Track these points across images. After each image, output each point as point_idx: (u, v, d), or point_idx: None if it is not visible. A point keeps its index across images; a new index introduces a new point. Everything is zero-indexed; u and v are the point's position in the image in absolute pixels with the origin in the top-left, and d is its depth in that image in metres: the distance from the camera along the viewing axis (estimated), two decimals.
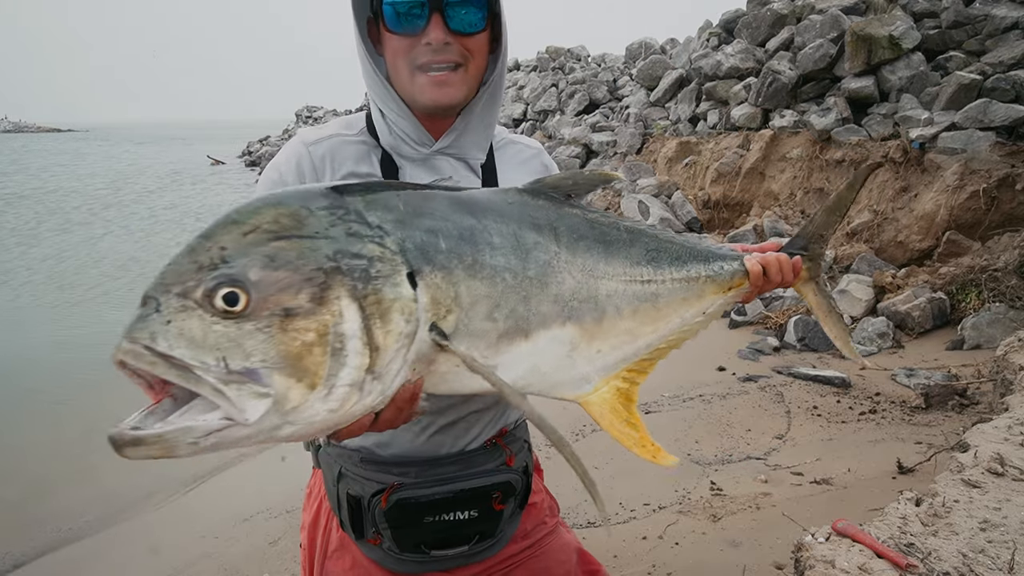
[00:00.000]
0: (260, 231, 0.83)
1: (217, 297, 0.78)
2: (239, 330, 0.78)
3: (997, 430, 2.41)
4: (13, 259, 11.82)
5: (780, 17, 9.49)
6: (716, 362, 5.47)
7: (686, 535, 3.12)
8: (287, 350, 0.79)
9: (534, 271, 1.02)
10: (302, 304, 0.80)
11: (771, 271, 1.31)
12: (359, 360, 0.83)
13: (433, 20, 1.17)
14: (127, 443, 0.75)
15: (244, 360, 0.77)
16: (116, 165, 33.88)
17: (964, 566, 1.63)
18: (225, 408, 0.77)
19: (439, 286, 0.92)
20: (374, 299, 0.85)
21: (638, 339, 1.17)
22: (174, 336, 0.77)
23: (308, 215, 0.87)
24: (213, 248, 0.81)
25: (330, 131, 1.30)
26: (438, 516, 1.28)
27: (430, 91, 1.20)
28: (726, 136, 9.36)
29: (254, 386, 0.77)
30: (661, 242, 1.22)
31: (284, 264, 0.81)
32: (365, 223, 0.89)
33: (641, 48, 14.60)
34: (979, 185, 6.16)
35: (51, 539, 3.84)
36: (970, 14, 7.50)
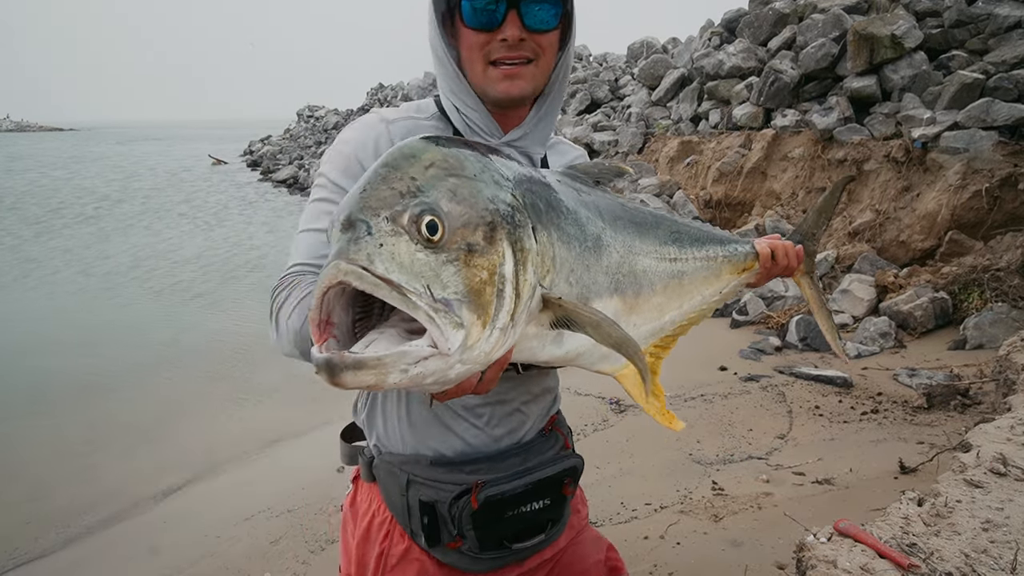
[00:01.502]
0: (437, 167, 0.85)
1: (423, 224, 0.79)
2: (437, 259, 0.79)
3: (1000, 430, 2.40)
4: (32, 253, 11.85)
5: (782, 16, 9.48)
6: (718, 362, 5.47)
7: (688, 535, 3.12)
8: (472, 284, 0.81)
9: (592, 242, 1.06)
10: (479, 241, 0.83)
11: (779, 255, 1.40)
12: (510, 304, 0.84)
13: (509, 17, 1.18)
14: (349, 366, 0.75)
15: (443, 290, 0.79)
16: (121, 164, 33.92)
17: (967, 566, 1.63)
18: (434, 335, 0.77)
19: (545, 244, 0.94)
20: (520, 246, 0.87)
21: (665, 314, 1.25)
22: (388, 259, 0.77)
23: (464, 158, 0.89)
24: (405, 177, 0.82)
25: (406, 112, 1.32)
26: (518, 509, 1.27)
27: (501, 83, 1.22)
28: (728, 135, 9.35)
29: (453, 315, 0.79)
30: (682, 225, 1.30)
31: (464, 200, 0.84)
32: (501, 174, 0.92)
33: (643, 47, 14.60)
34: (981, 185, 6.15)
35: (54, 539, 3.85)
36: (973, 13, 7.48)
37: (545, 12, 1.21)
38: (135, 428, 5.12)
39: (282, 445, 4.76)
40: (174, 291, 9.61)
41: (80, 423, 5.24)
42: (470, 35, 1.21)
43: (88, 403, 5.60)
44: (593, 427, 4.42)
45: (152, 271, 10.97)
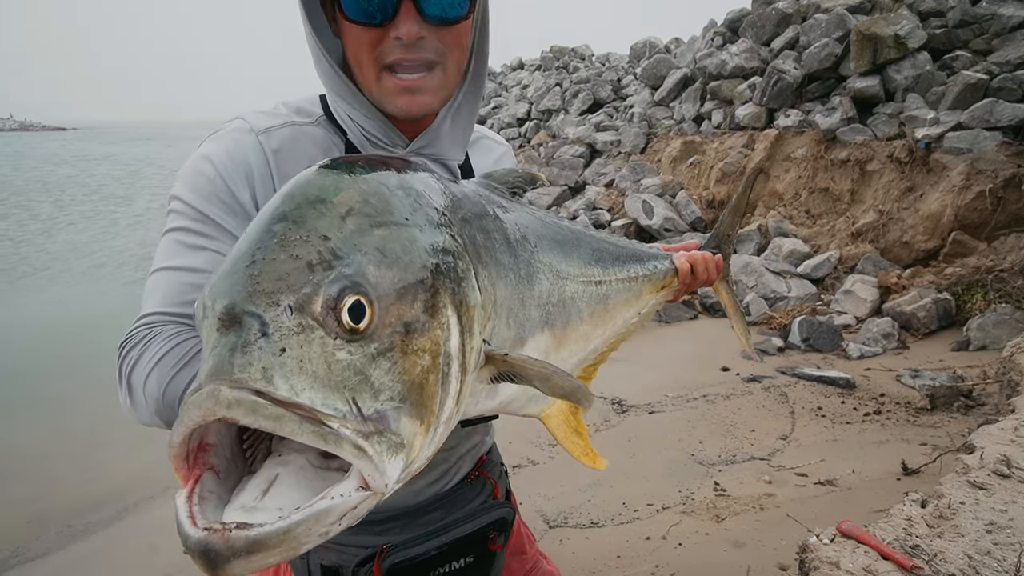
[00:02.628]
0: (357, 214, 0.62)
1: (344, 309, 0.56)
2: (364, 356, 0.56)
3: (1003, 431, 2.39)
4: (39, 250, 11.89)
5: (785, 16, 9.46)
6: (720, 362, 5.46)
7: (689, 536, 3.11)
8: (411, 379, 0.59)
9: (524, 271, 0.87)
10: (419, 316, 0.60)
11: (698, 268, 1.32)
12: (456, 386, 0.65)
13: (404, 8, 0.92)
14: (241, 551, 0.50)
15: (374, 400, 0.56)
16: (127, 162, 34.01)
17: (970, 568, 1.62)
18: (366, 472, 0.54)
19: (487, 288, 0.74)
20: (465, 306, 0.66)
21: (590, 342, 1.12)
22: (295, 371, 0.53)
23: (389, 195, 0.66)
24: (313, 238, 0.58)
25: (283, 118, 1.03)
26: (434, 572, 1.10)
27: (399, 98, 0.97)
28: (730, 135, 9.33)
29: (391, 434, 0.56)
30: (600, 242, 1.15)
31: (395, 261, 0.61)
32: (436, 209, 0.70)
33: (645, 47, 14.59)
34: (985, 185, 6.13)
35: (56, 537, 3.85)
36: (977, 13, 7.46)
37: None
38: (139, 426, 5.13)
39: None
40: None
41: (84, 420, 5.25)
42: (355, 31, 0.94)
43: (92, 400, 5.60)
44: (595, 428, 4.42)
45: None
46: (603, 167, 11.52)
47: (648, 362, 5.58)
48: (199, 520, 0.52)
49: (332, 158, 0.73)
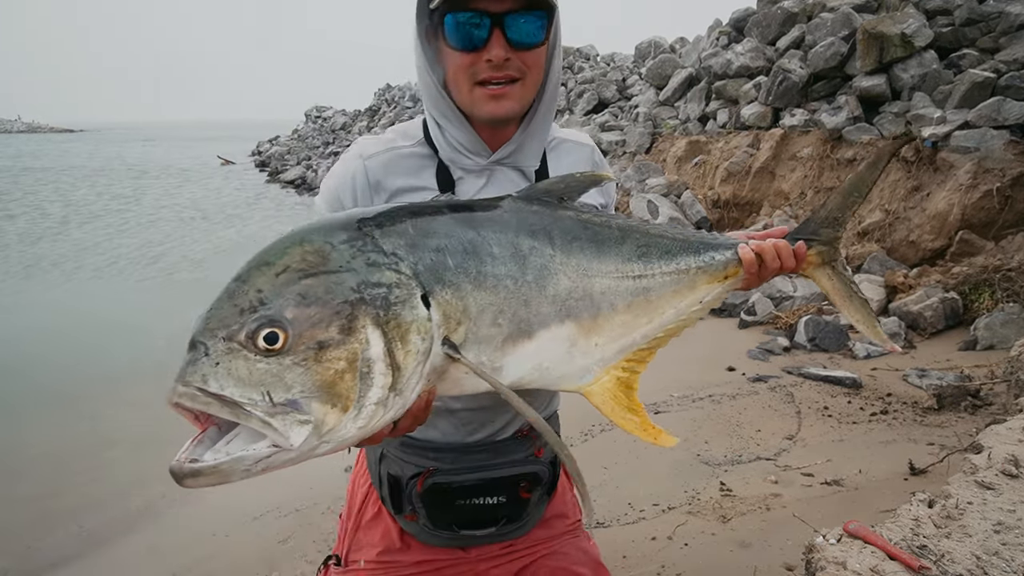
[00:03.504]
0: (291, 271, 0.90)
1: (259, 338, 0.84)
2: (280, 365, 0.85)
3: (1011, 431, 2.38)
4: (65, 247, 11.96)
5: (791, 15, 9.44)
6: (726, 362, 5.45)
7: (695, 536, 3.11)
8: (323, 379, 0.86)
9: (532, 275, 1.08)
10: (333, 336, 0.87)
11: (767, 257, 1.28)
12: (384, 380, 0.90)
13: (494, 36, 1.17)
14: (187, 475, 0.82)
15: (286, 392, 0.85)
16: (135, 163, 34.16)
17: (978, 568, 1.62)
18: (272, 437, 0.84)
19: (450, 302, 0.98)
20: (395, 323, 0.91)
21: (634, 331, 1.22)
22: (223, 376, 0.84)
23: (331, 250, 0.93)
24: (250, 291, 0.88)
25: (387, 143, 1.33)
26: (469, 500, 1.36)
27: (487, 104, 1.23)
28: (736, 135, 9.32)
29: (296, 415, 0.85)
30: (652, 237, 1.24)
31: (315, 300, 0.88)
32: (381, 251, 0.96)
33: (650, 47, 14.57)
34: (993, 184, 6.10)
35: (61, 538, 3.87)
36: (984, 11, 7.43)
37: (531, 25, 1.19)
38: (144, 427, 5.15)
39: None
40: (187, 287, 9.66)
41: (89, 422, 5.28)
42: (455, 56, 1.21)
43: (98, 401, 5.63)
44: (600, 427, 4.42)
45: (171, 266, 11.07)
46: (608, 167, 11.51)
47: (653, 362, 5.54)
48: (180, 455, 0.83)
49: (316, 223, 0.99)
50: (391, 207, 1.07)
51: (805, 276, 1.40)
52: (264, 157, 32.14)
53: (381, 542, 1.46)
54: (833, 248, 1.39)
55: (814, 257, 1.37)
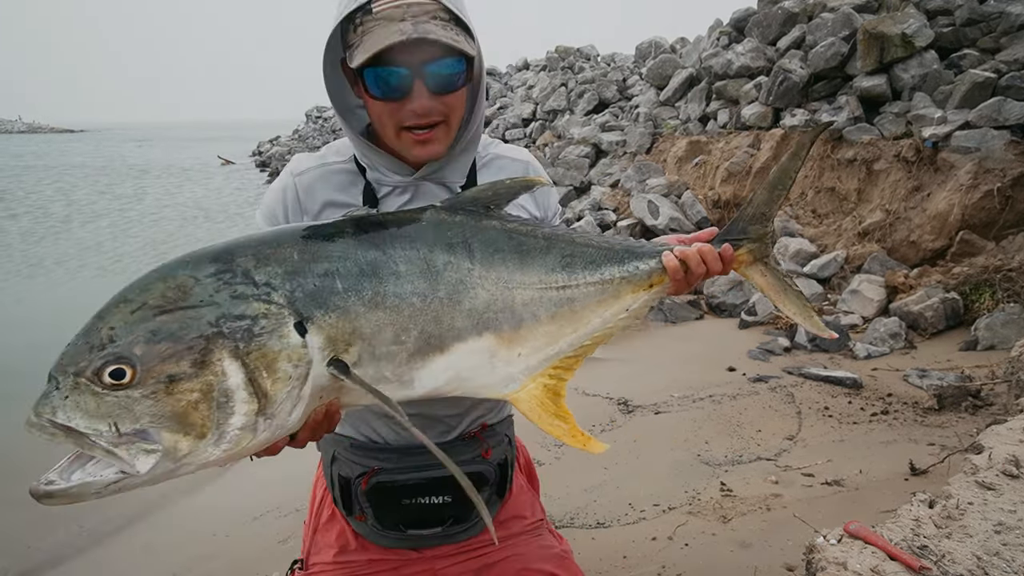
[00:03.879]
0: (146, 307, 0.93)
1: (105, 374, 0.88)
2: (128, 398, 0.89)
3: (1012, 432, 2.38)
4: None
5: (791, 15, 9.43)
6: (726, 362, 5.44)
7: (696, 536, 3.11)
8: (173, 410, 0.90)
9: (446, 291, 1.10)
10: (184, 370, 0.90)
11: (692, 264, 1.28)
12: (247, 407, 0.94)
13: (416, 87, 1.19)
14: (42, 496, 0.89)
15: (134, 423, 0.89)
16: (136, 162, 34.20)
17: (979, 569, 1.61)
18: (118, 464, 0.89)
19: (334, 325, 1.01)
20: (258, 354, 0.94)
21: (559, 340, 1.22)
22: (71, 409, 0.88)
23: (194, 284, 0.95)
24: (104, 329, 0.92)
25: (318, 159, 1.39)
26: (414, 499, 1.41)
27: (414, 148, 1.27)
28: (736, 135, 9.31)
29: (143, 444, 0.89)
30: (577, 247, 1.25)
31: (166, 337, 0.91)
32: (252, 283, 0.98)
33: (651, 47, 14.57)
34: (993, 184, 6.09)
35: (62, 538, 3.87)
36: (984, 11, 7.42)
37: (451, 68, 1.20)
38: None
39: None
40: None
41: None
42: (377, 104, 1.23)
43: None
44: (600, 428, 4.41)
45: None
46: (609, 167, 11.51)
47: (654, 362, 5.57)
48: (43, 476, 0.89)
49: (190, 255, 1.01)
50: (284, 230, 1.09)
51: (740, 274, 1.40)
52: (265, 157, 32.17)
53: (337, 543, 1.50)
54: (763, 244, 1.39)
55: (744, 256, 1.37)
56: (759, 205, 1.37)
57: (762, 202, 1.37)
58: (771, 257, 1.40)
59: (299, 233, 1.07)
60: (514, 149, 1.52)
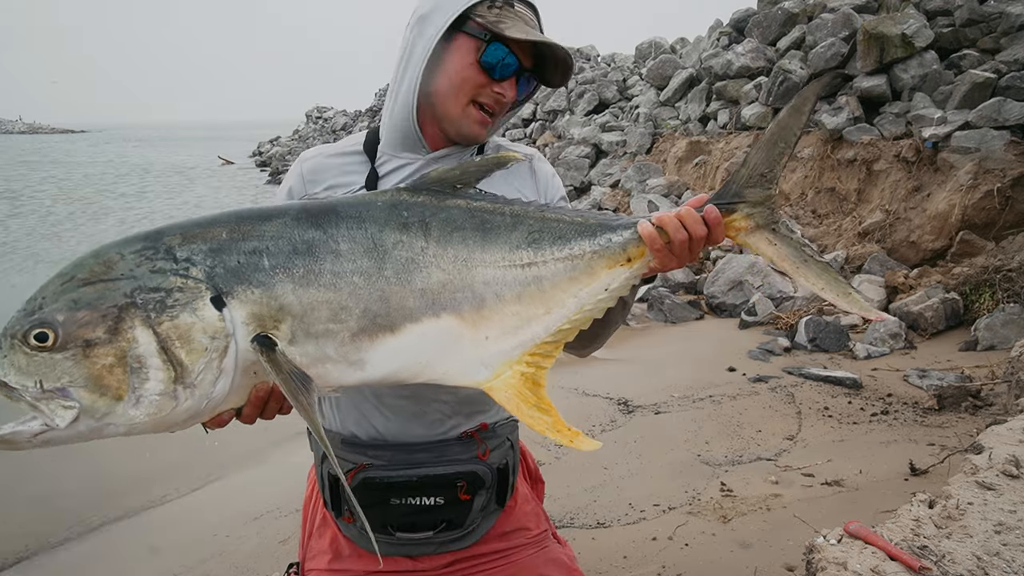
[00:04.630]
0: (75, 280, 1.01)
1: (31, 337, 0.97)
2: (51, 359, 0.97)
3: (1012, 432, 2.38)
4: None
5: (791, 16, 9.44)
6: (726, 362, 5.44)
7: (696, 536, 3.11)
8: (89, 372, 0.98)
9: (392, 270, 1.09)
10: (99, 335, 0.98)
11: (670, 229, 1.14)
12: (162, 375, 0.99)
13: (511, 79, 1.32)
14: None
15: (56, 381, 0.97)
16: (138, 162, 34.21)
17: (979, 569, 1.62)
18: (41, 418, 0.97)
19: (257, 301, 1.03)
20: (169, 324, 0.99)
21: (531, 323, 1.16)
22: (7, 366, 0.98)
23: (119, 260, 1.02)
24: (38, 298, 1.01)
25: (325, 149, 1.46)
26: (404, 499, 1.35)
27: (474, 126, 1.34)
28: (736, 136, 9.31)
29: (62, 400, 0.97)
30: (547, 222, 1.19)
31: (84, 305, 0.99)
32: (172, 259, 1.03)
33: (651, 48, 14.57)
34: (993, 184, 6.10)
35: (62, 539, 3.87)
36: (984, 12, 7.42)
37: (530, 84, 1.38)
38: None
39: (290, 444, 4.78)
40: None
41: None
42: (474, 71, 1.30)
43: None
44: (601, 428, 4.42)
45: None
46: (609, 167, 11.52)
47: (654, 362, 5.57)
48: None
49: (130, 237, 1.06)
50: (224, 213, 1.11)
51: (743, 245, 1.23)
52: (265, 157, 32.18)
53: (331, 549, 1.46)
54: (767, 209, 1.21)
55: (742, 222, 1.21)
56: (756, 165, 1.20)
57: (760, 161, 1.21)
58: (781, 224, 1.22)
59: (238, 214, 1.10)
60: (519, 145, 1.54)
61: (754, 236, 1.21)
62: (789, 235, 1.22)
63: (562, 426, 1.11)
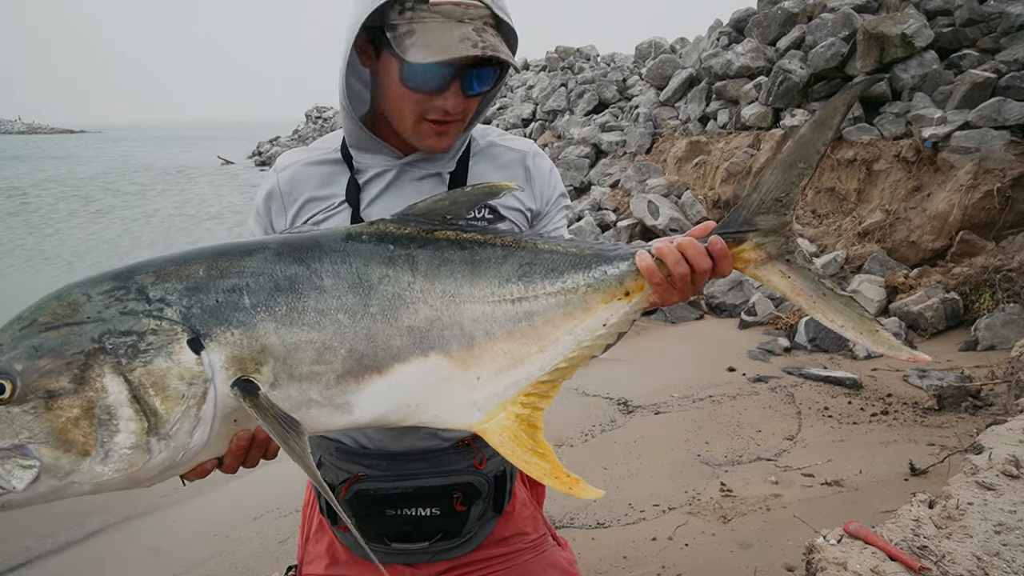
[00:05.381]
0: (35, 324, 0.92)
1: None
2: (8, 413, 0.87)
3: (1012, 432, 2.38)
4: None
5: (791, 16, 9.43)
6: (726, 362, 5.45)
7: (696, 536, 3.11)
8: (52, 426, 0.87)
9: (379, 306, 1.02)
10: (64, 385, 0.88)
11: (670, 262, 1.06)
12: (134, 426, 0.90)
13: (453, 87, 1.17)
14: None
15: (12, 438, 0.87)
16: (141, 162, 34.22)
17: (979, 569, 1.61)
18: None
19: (237, 343, 0.96)
20: (143, 371, 0.91)
21: (524, 361, 1.09)
22: None
23: (85, 302, 0.94)
24: None
25: (303, 155, 1.37)
26: (400, 510, 1.31)
27: (430, 139, 1.24)
28: (736, 135, 9.31)
29: (19, 460, 0.87)
30: (540, 254, 1.11)
31: (47, 352, 0.89)
32: (144, 299, 0.95)
33: (651, 47, 14.57)
34: (993, 184, 6.10)
35: (62, 539, 3.87)
36: (984, 12, 7.42)
37: (487, 77, 1.19)
38: None
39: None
40: None
41: None
42: (407, 94, 1.18)
43: None
44: (601, 428, 4.42)
45: None
46: (608, 167, 11.52)
47: (654, 363, 5.57)
48: None
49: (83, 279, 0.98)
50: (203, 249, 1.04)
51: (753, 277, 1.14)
52: (264, 157, 32.19)
53: (327, 554, 1.43)
54: (781, 237, 1.11)
55: (752, 253, 1.11)
56: (770, 188, 1.09)
57: (775, 184, 1.09)
58: (796, 254, 1.11)
59: (215, 250, 1.02)
60: (515, 139, 1.44)
61: (765, 268, 1.12)
62: (806, 267, 1.12)
63: (560, 472, 1.05)
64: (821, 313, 1.11)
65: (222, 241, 1.17)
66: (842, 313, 1.09)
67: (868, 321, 1.08)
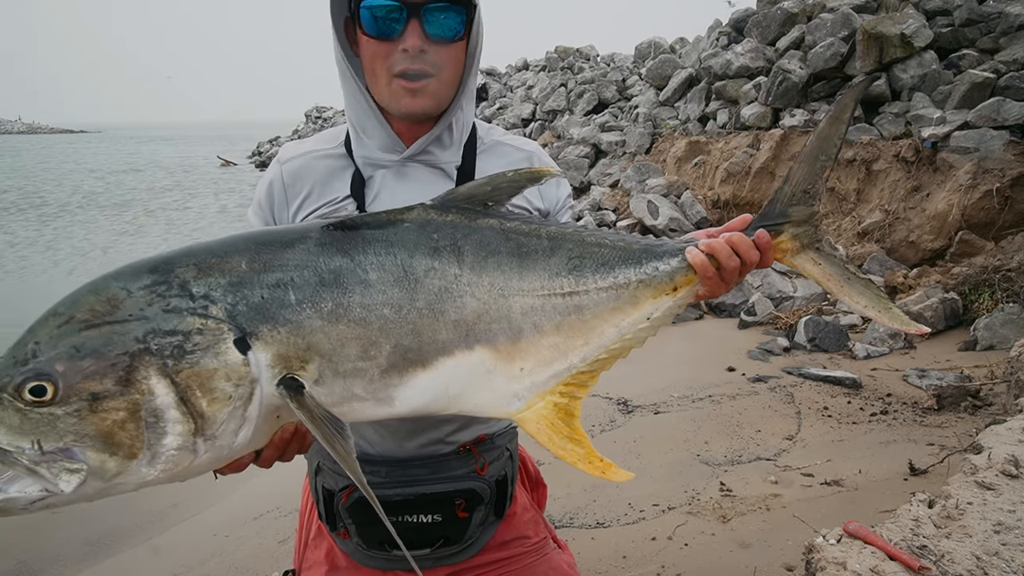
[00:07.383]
0: (73, 322, 0.88)
1: (25, 391, 0.84)
2: (51, 416, 0.85)
3: (1011, 432, 2.38)
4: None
5: (790, 16, 9.44)
6: (726, 362, 5.45)
7: (695, 536, 3.11)
8: (98, 429, 0.85)
9: (425, 300, 1.00)
10: (108, 388, 0.86)
11: (722, 257, 1.10)
12: (181, 428, 0.88)
13: (411, 26, 1.16)
14: None
15: (58, 441, 0.85)
16: (135, 162, 34.20)
17: (978, 569, 1.62)
18: (40, 483, 0.85)
19: (284, 341, 0.93)
20: (190, 372, 0.88)
21: (568, 354, 1.09)
22: None
23: (126, 298, 0.90)
24: (30, 343, 0.88)
25: (307, 147, 1.35)
26: (401, 517, 1.30)
27: (403, 99, 1.21)
28: (736, 135, 9.32)
29: (66, 463, 0.85)
30: (587, 247, 1.11)
31: (89, 353, 0.86)
32: (188, 295, 0.91)
33: (650, 47, 14.57)
34: (992, 184, 6.10)
35: (62, 539, 3.87)
36: (983, 12, 7.43)
37: (450, 20, 1.18)
38: None
39: None
40: None
41: None
42: (371, 44, 1.19)
43: None
44: (601, 428, 4.42)
45: None
46: (608, 167, 11.52)
47: (653, 362, 5.57)
48: None
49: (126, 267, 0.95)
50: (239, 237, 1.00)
51: (789, 265, 1.20)
52: (264, 158, 32.17)
53: (326, 560, 1.42)
54: (811, 227, 1.17)
55: (788, 243, 1.17)
56: (799, 181, 1.16)
57: (803, 177, 1.16)
58: (824, 242, 1.19)
59: (255, 240, 0.99)
60: (519, 139, 1.43)
61: (800, 257, 1.18)
62: (833, 253, 1.19)
63: (595, 457, 1.07)
64: (848, 296, 1.18)
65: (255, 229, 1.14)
66: (863, 295, 1.17)
67: (884, 300, 1.17)
